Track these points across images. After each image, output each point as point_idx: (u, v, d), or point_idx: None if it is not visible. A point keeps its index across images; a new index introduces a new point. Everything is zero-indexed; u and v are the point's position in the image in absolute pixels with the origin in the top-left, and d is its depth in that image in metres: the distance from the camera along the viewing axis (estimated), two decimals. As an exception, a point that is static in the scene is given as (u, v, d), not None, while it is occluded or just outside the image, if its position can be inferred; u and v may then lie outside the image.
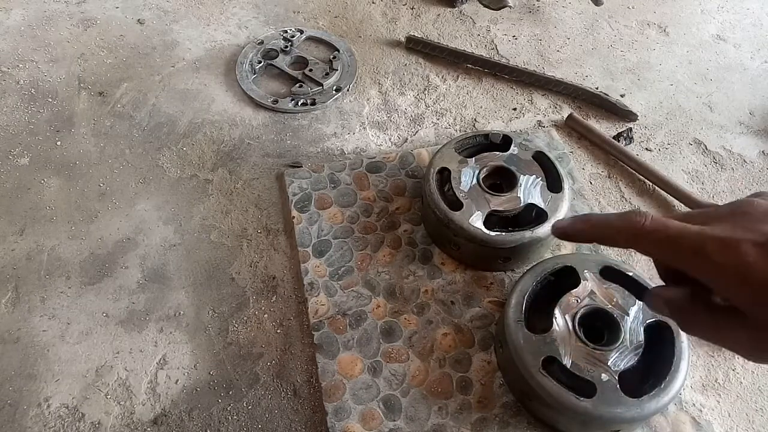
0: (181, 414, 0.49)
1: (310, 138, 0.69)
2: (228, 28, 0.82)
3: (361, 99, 0.74)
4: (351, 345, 0.52)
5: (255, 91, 0.73)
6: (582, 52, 0.81)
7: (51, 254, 0.58)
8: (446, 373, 0.50)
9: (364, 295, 0.55)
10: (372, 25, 0.83)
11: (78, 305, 0.54)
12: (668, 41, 0.83)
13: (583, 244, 0.59)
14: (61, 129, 0.68)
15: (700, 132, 0.72)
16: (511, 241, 0.52)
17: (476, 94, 0.75)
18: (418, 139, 0.70)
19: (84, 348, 0.52)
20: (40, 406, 0.49)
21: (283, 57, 0.77)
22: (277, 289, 0.56)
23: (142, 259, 0.58)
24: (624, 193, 0.65)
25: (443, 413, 0.48)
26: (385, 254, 0.58)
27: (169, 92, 0.73)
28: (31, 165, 0.65)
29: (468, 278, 0.56)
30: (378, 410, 0.48)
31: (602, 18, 0.86)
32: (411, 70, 0.78)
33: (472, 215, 0.53)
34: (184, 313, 0.54)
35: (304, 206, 0.61)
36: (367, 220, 0.60)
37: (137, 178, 0.64)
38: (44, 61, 0.76)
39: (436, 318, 0.54)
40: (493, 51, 0.81)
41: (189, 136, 0.68)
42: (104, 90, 0.73)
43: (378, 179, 0.63)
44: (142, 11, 0.83)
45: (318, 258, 0.57)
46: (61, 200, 0.62)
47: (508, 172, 0.57)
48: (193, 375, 0.51)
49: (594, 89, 0.74)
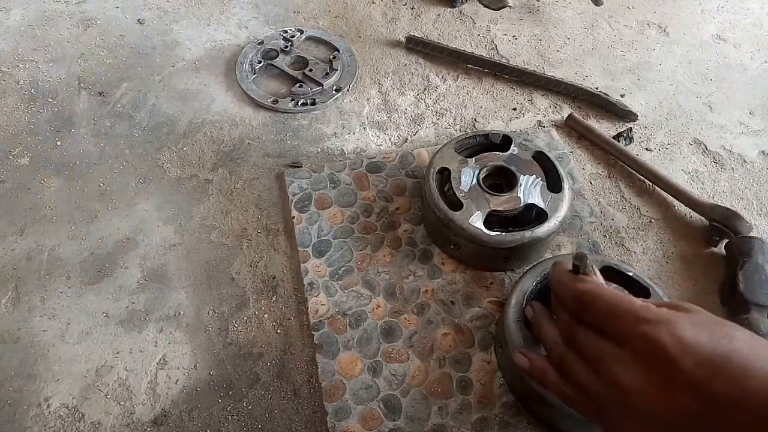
0: (181, 414, 0.49)
1: (310, 138, 0.69)
2: (228, 28, 0.82)
3: (361, 99, 0.74)
4: (351, 345, 0.52)
5: (255, 91, 0.73)
6: (582, 52, 0.81)
7: (51, 254, 0.58)
8: (446, 373, 0.50)
9: (364, 295, 0.55)
10: (372, 25, 0.83)
11: (78, 305, 0.54)
12: (668, 41, 0.83)
13: (583, 244, 0.59)
14: (61, 129, 0.68)
15: (700, 132, 0.72)
16: (511, 241, 0.52)
17: (476, 94, 0.75)
18: (418, 139, 0.70)
19: (84, 348, 0.52)
20: (40, 406, 0.49)
21: (283, 57, 0.77)
22: (277, 289, 0.56)
23: (142, 259, 0.58)
24: (624, 193, 0.65)
25: (443, 413, 0.48)
26: (385, 254, 0.58)
27: (169, 92, 0.73)
28: (31, 165, 0.65)
29: (468, 278, 0.56)
30: (378, 410, 0.48)
31: (602, 18, 0.86)
32: (411, 70, 0.78)
33: (472, 215, 0.53)
34: (184, 313, 0.54)
35: (304, 206, 0.61)
36: (367, 220, 0.60)
37: (137, 178, 0.64)
38: (44, 61, 0.76)
39: (436, 318, 0.54)
40: (493, 51, 0.81)
41: (189, 136, 0.68)
42: (104, 90, 0.73)
43: (378, 179, 0.63)
44: (142, 11, 0.83)
45: (318, 258, 0.57)
46: (61, 200, 0.62)
47: (508, 172, 0.57)
48: (193, 375, 0.51)
49: (594, 89, 0.74)
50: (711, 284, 0.57)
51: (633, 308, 0.34)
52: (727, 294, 0.55)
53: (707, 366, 0.30)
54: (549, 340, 0.41)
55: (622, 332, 0.34)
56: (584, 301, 0.37)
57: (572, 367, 0.37)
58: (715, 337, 0.31)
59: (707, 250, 0.60)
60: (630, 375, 0.32)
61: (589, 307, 0.37)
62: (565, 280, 0.40)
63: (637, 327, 0.33)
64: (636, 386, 0.32)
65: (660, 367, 0.31)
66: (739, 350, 0.30)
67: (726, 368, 0.30)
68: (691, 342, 0.31)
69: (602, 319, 0.36)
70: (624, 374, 0.33)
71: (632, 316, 0.34)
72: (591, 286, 0.38)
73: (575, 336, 0.37)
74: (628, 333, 0.34)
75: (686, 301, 0.57)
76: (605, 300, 0.36)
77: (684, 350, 0.31)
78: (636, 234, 0.61)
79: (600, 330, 0.36)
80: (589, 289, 0.37)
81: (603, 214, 0.63)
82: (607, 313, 0.35)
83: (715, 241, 0.60)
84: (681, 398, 0.30)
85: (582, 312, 0.37)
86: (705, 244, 0.60)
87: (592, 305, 0.36)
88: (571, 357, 0.38)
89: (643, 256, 0.60)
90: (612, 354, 0.34)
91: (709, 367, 0.30)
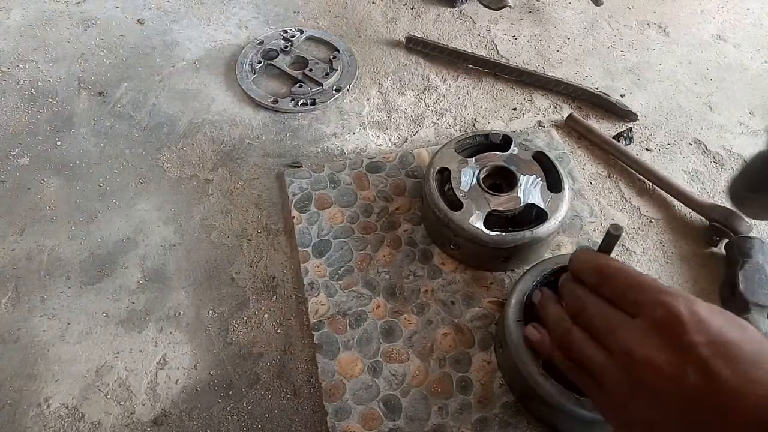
0: (181, 414, 0.49)
1: (310, 138, 0.69)
2: (228, 28, 0.82)
3: (361, 99, 0.74)
4: (351, 345, 0.52)
5: (255, 91, 0.73)
6: (582, 52, 0.81)
7: (51, 254, 0.58)
8: (446, 373, 0.50)
9: (364, 295, 0.55)
10: (372, 25, 0.83)
11: (78, 305, 0.54)
12: (668, 41, 0.83)
13: (583, 244, 0.59)
14: (61, 129, 0.68)
15: (700, 132, 0.72)
16: (511, 241, 0.52)
17: (476, 94, 0.75)
18: (418, 139, 0.70)
19: (84, 348, 0.52)
20: (40, 406, 0.49)
21: (283, 57, 0.77)
22: (277, 289, 0.56)
23: (142, 259, 0.58)
24: (624, 193, 0.65)
25: (443, 413, 0.48)
26: (385, 254, 0.58)
27: (169, 92, 0.73)
28: (31, 165, 0.65)
29: (468, 278, 0.56)
30: (378, 410, 0.48)
31: (602, 18, 0.86)
32: (411, 70, 0.78)
33: (472, 215, 0.53)
34: (184, 313, 0.54)
35: (304, 206, 0.61)
36: (367, 220, 0.60)
37: (137, 178, 0.64)
38: (44, 61, 0.76)
39: (436, 318, 0.54)
40: (493, 51, 0.81)
41: (189, 136, 0.68)
42: (104, 90, 0.73)
43: (378, 179, 0.63)
44: (142, 11, 0.83)
45: (318, 258, 0.57)
46: (61, 200, 0.62)
47: (508, 172, 0.57)
48: (193, 375, 0.51)
49: (594, 89, 0.74)
50: (711, 284, 0.57)
51: (655, 283, 0.36)
52: (727, 294, 0.55)
53: (718, 345, 0.30)
54: (554, 317, 0.41)
55: (640, 302, 0.35)
56: (607, 274, 0.38)
57: (577, 341, 0.38)
58: (729, 323, 0.32)
59: (707, 250, 0.60)
60: (642, 344, 0.33)
61: (611, 277, 0.37)
62: (588, 256, 0.41)
63: (657, 296, 0.34)
64: (646, 356, 0.32)
65: (673, 336, 0.32)
66: (750, 341, 0.31)
67: (735, 353, 0.30)
68: (707, 320, 0.32)
69: (623, 289, 0.36)
70: (636, 342, 0.33)
71: (654, 288, 0.35)
72: (614, 261, 0.39)
73: (586, 308, 0.38)
74: (646, 302, 0.34)
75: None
76: (628, 273, 0.37)
77: (699, 325, 0.31)
78: (636, 234, 0.61)
79: (614, 303, 0.37)
80: (612, 263, 0.39)
81: (603, 214, 0.63)
82: (629, 284, 0.36)
83: (715, 241, 0.60)
84: (688, 373, 0.30)
85: (602, 283, 0.38)
86: (705, 244, 0.60)
87: (615, 276, 0.37)
88: (577, 331, 0.38)
89: (643, 256, 0.60)
90: (625, 324, 0.35)
91: (719, 347, 0.30)
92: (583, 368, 0.37)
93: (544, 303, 0.44)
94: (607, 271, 0.38)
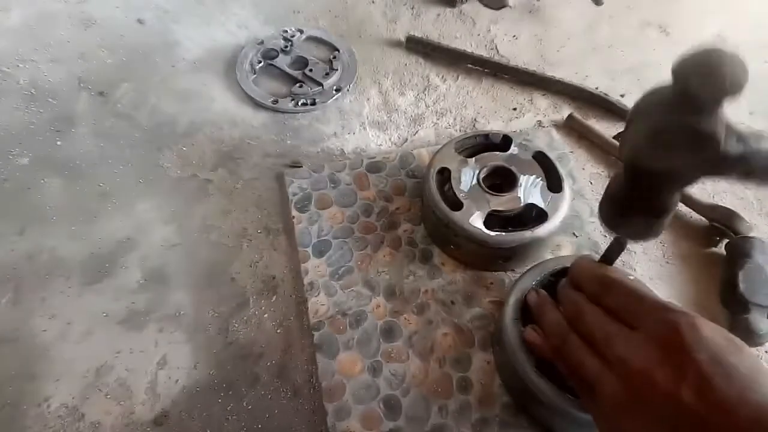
0: (181, 414, 0.49)
1: (310, 138, 0.69)
2: (228, 28, 0.82)
3: (361, 99, 0.74)
4: (351, 345, 0.52)
5: (255, 91, 0.73)
6: (582, 52, 0.81)
7: (51, 254, 0.58)
8: (446, 373, 0.50)
9: (364, 295, 0.55)
10: (372, 25, 0.83)
11: (78, 305, 0.54)
12: (668, 41, 0.83)
13: (583, 244, 0.59)
14: (61, 129, 0.68)
15: (700, 132, 0.72)
16: (511, 241, 0.52)
17: (476, 94, 0.75)
18: (418, 139, 0.70)
19: (84, 348, 0.52)
20: (40, 406, 0.49)
21: (283, 57, 0.77)
22: (277, 289, 0.56)
23: (142, 259, 0.58)
24: (624, 193, 0.65)
25: (443, 413, 0.48)
26: (385, 254, 0.58)
27: (169, 92, 0.73)
28: (31, 165, 0.65)
29: (468, 278, 0.56)
30: (378, 410, 0.48)
31: (602, 18, 0.86)
32: (411, 70, 0.78)
33: (472, 215, 0.53)
34: (184, 313, 0.54)
35: (304, 206, 0.61)
36: (367, 220, 0.60)
37: (137, 178, 0.64)
38: (44, 61, 0.75)
39: (436, 318, 0.54)
40: (493, 51, 0.81)
41: (189, 136, 0.68)
42: (104, 90, 0.73)
43: (378, 179, 0.63)
44: (142, 11, 0.83)
45: (318, 258, 0.57)
46: (61, 200, 0.62)
47: (508, 172, 0.57)
48: (193, 375, 0.51)
49: (594, 89, 0.74)
50: (711, 284, 0.57)
51: (657, 298, 0.36)
52: (727, 294, 0.55)
53: (719, 364, 0.30)
54: (552, 322, 0.41)
55: (640, 315, 0.35)
56: (608, 284, 0.38)
57: (575, 348, 0.38)
58: (729, 343, 0.32)
59: (707, 250, 0.60)
60: (640, 356, 0.33)
61: (613, 288, 0.38)
62: (591, 265, 0.41)
63: (658, 312, 0.34)
64: (644, 368, 0.32)
65: (673, 352, 0.32)
66: (748, 363, 0.31)
67: (734, 373, 0.30)
68: (708, 338, 0.32)
69: (624, 301, 0.36)
70: (634, 354, 0.33)
71: (655, 302, 0.35)
72: (617, 273, 0.39)
73: (584, 316, 0.38)
74: (647, 316, 0.34)
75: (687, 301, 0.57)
76: (629, 285, 0.37)
77: (700, 343, 0.31)
78: (636, 234, 0.61)
79: (613, 314, 0.37)
80: (615, 275, 0.39)
81: (603, 214, 0.62)
82: (631, 297, 0.36)
83: (715, 241, 0.60)
84: (685, 390, 0.30)
85: (603, 293, 0.38)
86: (705, 244, 0.60)
87: (617, 287, 0.37)
88: (574, 339, 0.38)
89: (643, 256, 0.60)
90: (624, 335, 0.35)
91: (720, 366, 0.30)
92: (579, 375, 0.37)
93: (542, 307, 0.44)
94: (608, 281, 0.38)
